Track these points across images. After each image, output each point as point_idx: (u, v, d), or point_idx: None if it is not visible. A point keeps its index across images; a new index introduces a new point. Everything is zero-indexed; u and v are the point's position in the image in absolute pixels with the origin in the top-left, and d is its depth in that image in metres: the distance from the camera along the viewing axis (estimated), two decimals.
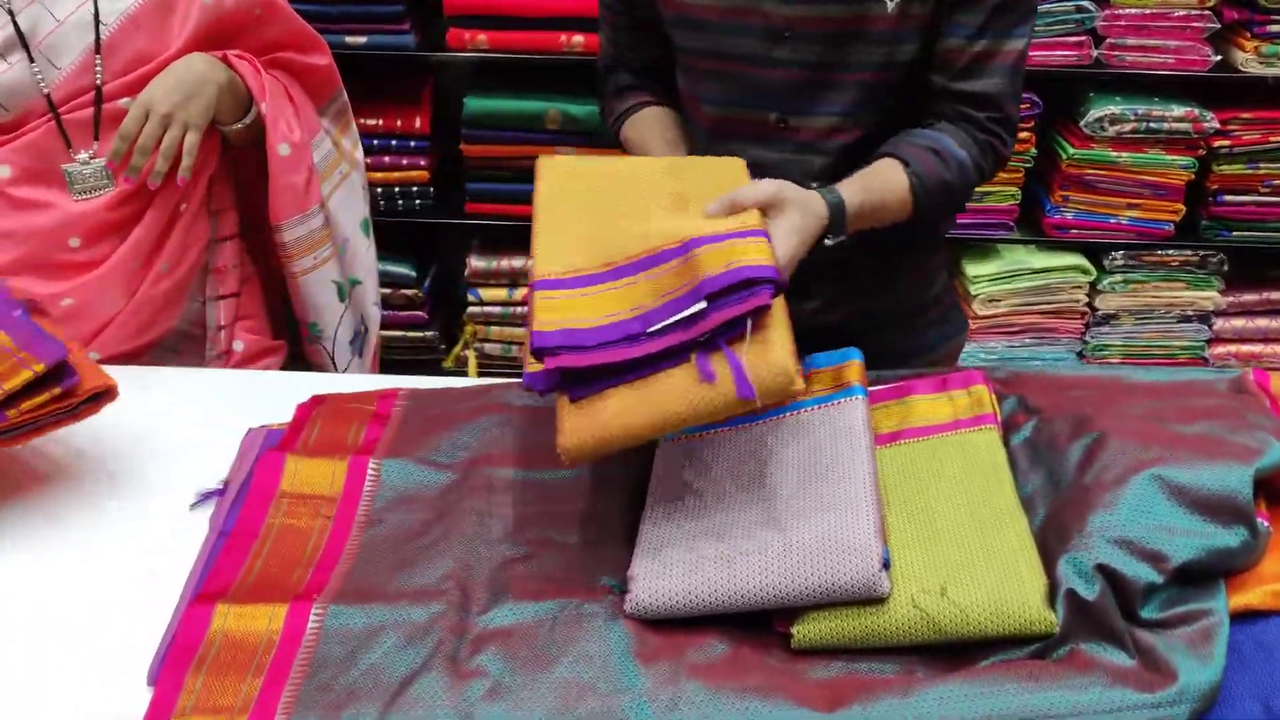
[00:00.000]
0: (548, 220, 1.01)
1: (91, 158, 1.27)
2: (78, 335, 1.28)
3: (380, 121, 2.38)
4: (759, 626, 0.85)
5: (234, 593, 0.89)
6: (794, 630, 0.84)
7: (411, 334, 2.58)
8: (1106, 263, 2.51)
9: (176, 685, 0.82)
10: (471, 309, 2.54)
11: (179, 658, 0.84)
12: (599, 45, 1.37)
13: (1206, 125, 2.34)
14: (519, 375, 3.02)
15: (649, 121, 1.31)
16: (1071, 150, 2.39)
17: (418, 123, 2.40)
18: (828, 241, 1.08)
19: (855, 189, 1.11)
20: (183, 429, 1.15)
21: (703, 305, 0.84)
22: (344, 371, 1.49)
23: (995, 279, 2.51)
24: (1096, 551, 0.84)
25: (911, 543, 0.89)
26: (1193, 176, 2.41)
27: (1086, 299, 2.55)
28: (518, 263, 2.49)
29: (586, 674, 0.82)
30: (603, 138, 2.36)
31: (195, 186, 1.33)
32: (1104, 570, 0.83)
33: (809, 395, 1.03)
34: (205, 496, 1.04)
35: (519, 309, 2.52)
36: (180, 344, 1.41)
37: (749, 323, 0.84)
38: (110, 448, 1.11)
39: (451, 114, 2.43)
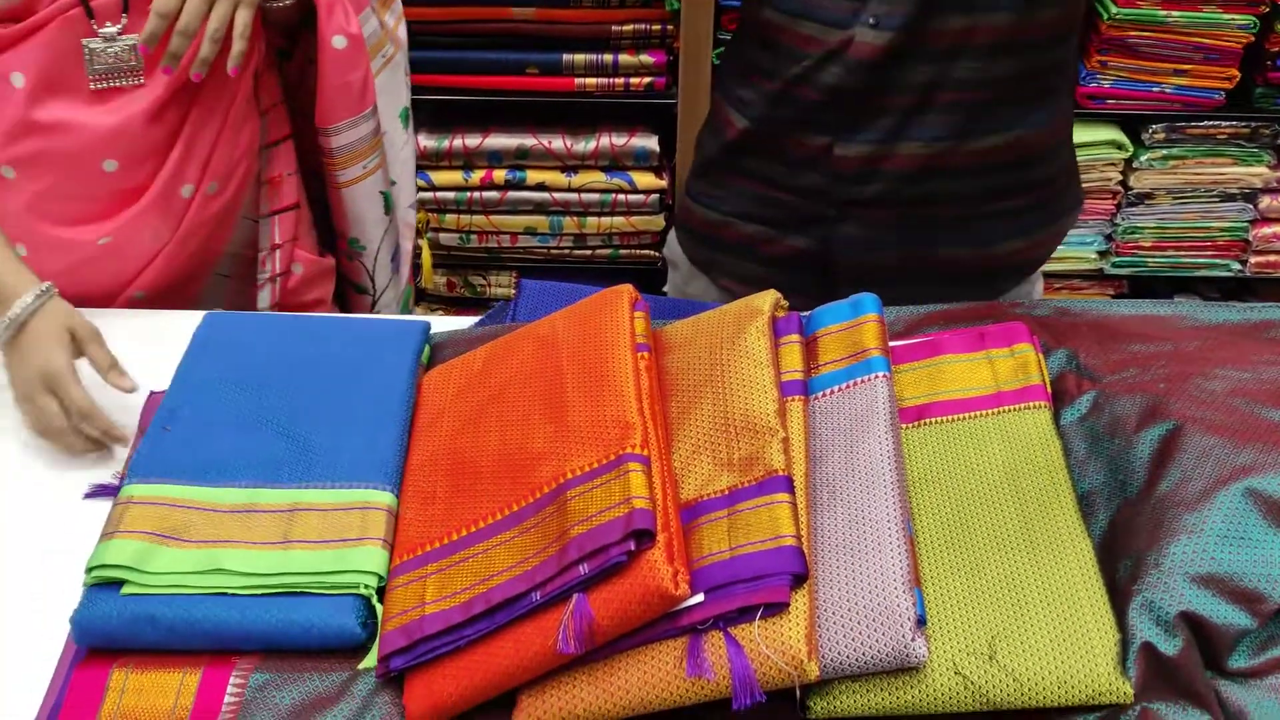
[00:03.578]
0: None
1: (120, 33, 1.09)
2: (119, 275, 1.16)
3: None
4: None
5: None
6: (810, 703, 0.73)
7: None
8: (1145, 137, 2.36)
9: None
10: (421, 194, 2.38)
11: None
12: None
13: None
14: (479, 273, 2.83)
15: None
16: (1115, 9, 2.20)
17: None
18: None
19: None
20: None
21: (700, 599, 0.73)
22: (380, 293, 1.36)
23: None
24: (1178, 593, 0.74)
25: (949, 577, 0.78)
26: (1252, 39, 2.23)
27: (1120, 177, 2.41)
28: (472, 141, 2.32)
29: None
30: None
31: (241, 81, 1.15)
32: (1188, 618, 0.74)
33: (814, 373, 0.91)
34: (100, 490, 0.96)
35: (476, 194, 2.36)
36: (231, 267, 1.28)
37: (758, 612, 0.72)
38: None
39: None
